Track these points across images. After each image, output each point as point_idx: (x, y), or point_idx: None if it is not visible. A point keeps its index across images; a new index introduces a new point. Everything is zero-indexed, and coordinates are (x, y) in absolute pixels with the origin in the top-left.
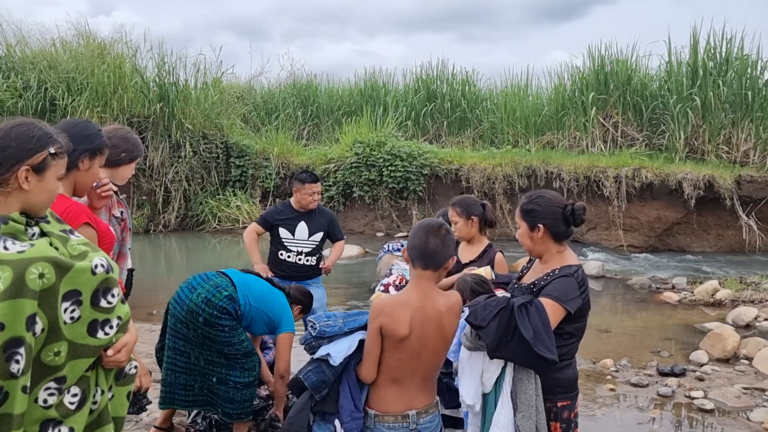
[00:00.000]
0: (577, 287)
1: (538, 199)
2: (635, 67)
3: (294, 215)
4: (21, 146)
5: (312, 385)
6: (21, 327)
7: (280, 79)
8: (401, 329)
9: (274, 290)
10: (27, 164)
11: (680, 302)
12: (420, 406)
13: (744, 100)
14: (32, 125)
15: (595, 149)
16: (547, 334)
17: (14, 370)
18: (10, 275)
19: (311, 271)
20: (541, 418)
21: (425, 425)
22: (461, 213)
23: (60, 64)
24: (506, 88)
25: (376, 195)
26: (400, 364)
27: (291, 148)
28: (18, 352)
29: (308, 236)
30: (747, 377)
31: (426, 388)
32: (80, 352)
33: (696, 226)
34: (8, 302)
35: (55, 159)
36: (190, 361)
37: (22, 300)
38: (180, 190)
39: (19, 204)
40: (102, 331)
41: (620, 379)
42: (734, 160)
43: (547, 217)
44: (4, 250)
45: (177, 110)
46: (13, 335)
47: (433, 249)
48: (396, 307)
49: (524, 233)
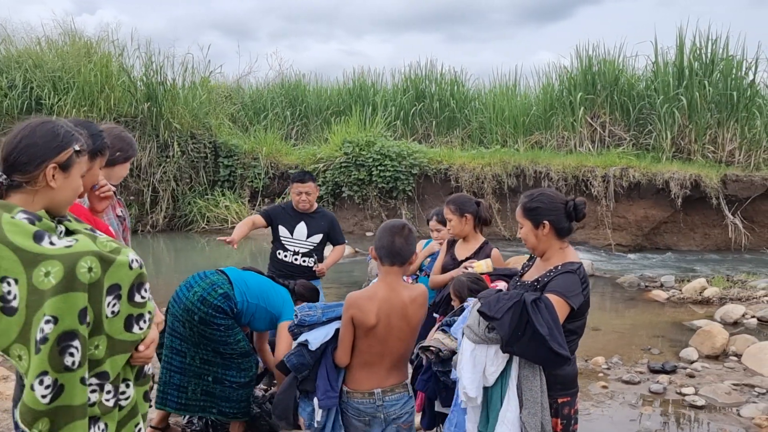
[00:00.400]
0: (579, 284)
1: (540, 196)
2: (622, 67)
3: (295, 215)
4: (48, 144)
5: (293, 366)
6: (74, 320)
7: (269, 78)
8: (370, 319)
9: (275, 286)
10: (54, 162)
11: (669, 300)
12: (387, 385)
13: (729, 101)
14: (57, 123)
15: (583, 149)
16: (558, 331)
17: (68, 363)
18: (61, 269)
19: (308, 272)
20: (546, 414)
21: (390, 403)
22: (455, 211)
23: (46, 63)
24: (494, 88)
25: (365, 195)
26: (369, 349)
27: (280, 148)
28: (72, 344)
29: (306, 237)
30: (736, 374)
31: (394, 371)
32: (118, 347)
33: (683, 225)
34: (61, 296)
35: (79, 156)
36: (186, 360)
37: (75, 293)
38: (168, 190)
39: (45, 202)
40: (137, 326)
41: (612, 376)
42: (720, 160)
43: (551, 213)
44: (51, 245)
45: (165, 110)
46: (67, 328)
47: (399, 247)
48: (365, 300)
49: (528, 231)
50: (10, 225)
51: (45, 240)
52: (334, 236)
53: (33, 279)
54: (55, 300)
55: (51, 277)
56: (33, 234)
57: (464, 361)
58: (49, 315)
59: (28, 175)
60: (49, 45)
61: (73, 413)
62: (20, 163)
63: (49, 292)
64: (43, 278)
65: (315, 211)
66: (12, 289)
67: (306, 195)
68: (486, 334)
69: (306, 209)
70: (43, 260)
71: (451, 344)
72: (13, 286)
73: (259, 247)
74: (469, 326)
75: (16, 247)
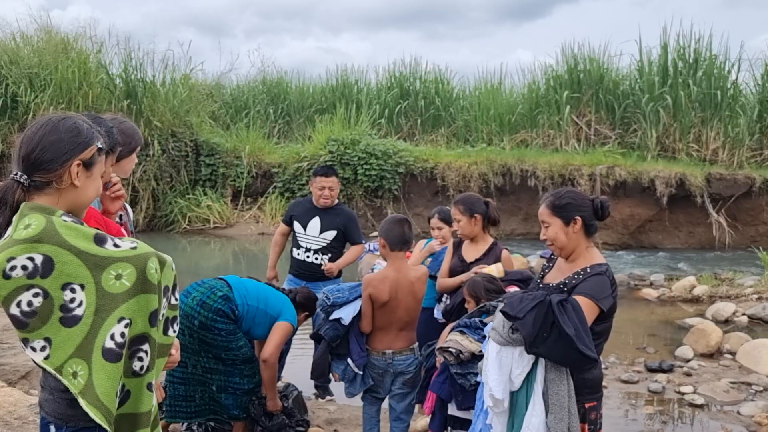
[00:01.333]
0: (609, 286)
1: (568, 193)
2: (607, 66)
3: (310, 209)
4: (73, 140)
5: (330, 338)
6: (146, 323)
7: (250, 76)
8: (383, 296)
9: (276, 292)
10: (79, 159)
11: (659, 299)
12: (396, 348)
13: (713, 100)
14: (78, 118)
15: (569, 147)
16: (585, 333)
17: (137, 368)
18: (134, 271)
19: (321, 272)
20: (573, 420)
21: (399, 361)
22: (464, 211)
23: (22, 59)
24: (479, 86)
25: (350, 194)
26: (382, 318)
27: (262, 146)
28: (142, 348)
29: (319, 233)
30: (732, 372)
31: (402, 336)
32: (159, 351)
33: (668, 224)
34: (136, 298)
35: (101, 154)
36: (188, 370)
37: (148, 295)
38: (148, 189)
39: (68, 204)
40: (171, 329)
41: (610, 376)
42: (704, 159)
43: (583, 209)
44: (116, 247)
45: (145, 107)
46: (140, 332)
47: (407, 235)
48: (379, 281)
49: (559, 229)
50: (66, 229)
51: (108, 243)
52: (351, 234)
53: (103, 283)
54: (132, 303)
55: (124, 280)
56: (93, 237)
57: (490, 363)
58: (128, 318)
59: (52, 174)
60: (25, 40)
61: (138, 421)
62: (45, 160)
63: (124, 295)
64: (114, 281)
65: (334, 207)
66: (77, 296)
67: (329, 190)
68: (510, 335)
69: (327, 205)
70: (112, 263)
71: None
72: (78, 293)
73: (241, 247)
74: (494, 328)
75: (79, 251)
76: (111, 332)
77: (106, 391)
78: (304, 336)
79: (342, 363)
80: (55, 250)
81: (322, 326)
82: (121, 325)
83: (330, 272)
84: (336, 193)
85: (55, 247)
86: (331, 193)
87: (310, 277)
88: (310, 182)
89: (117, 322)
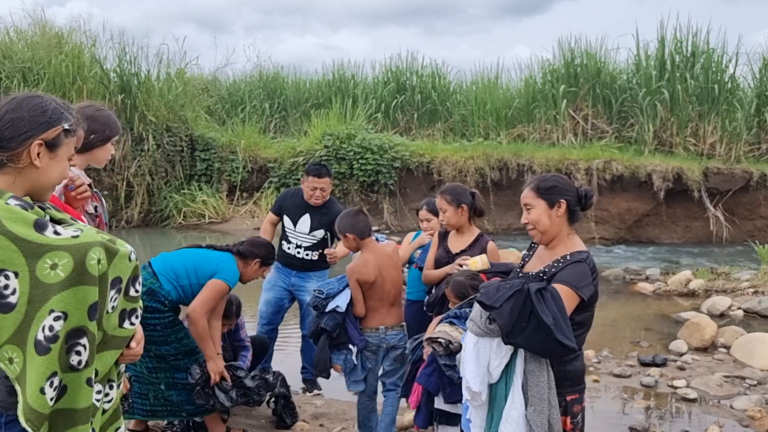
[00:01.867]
0: (589, 274)
1: (554, 177)
2: (604, 60)
3: (301, 205)
4: (35, 119)
5: (331, 327)
6: (83, 316)
7: (246, 70)
8: (370, 278)
9: (209, 256)
10: (40, 138)
11: (654, 293)
12: (388, 324)
13: (710, 94)
14: (46, 98)
15: (566, 142)
16: (564, 322)
17: (74, 362)
18: (71, 261)
19: (312, 265)
20: (554, 412)
21: (391, 335)
22: (451, 201)
23: (15, 53)
24: (476, 80)
25: (346, 189)
26: (374, 297)
27: (258, 141)
28: (80, 342)
29: (309, 231)
30: (726, 366)
31: (392, 312)
32: (110, 343)
33: (665, 218)
34: (71, 290)
35: (68, 136)
36: (137, 368)
37: (85, 287)
38: (143, 184)
39: (28, 184)
40: (128, 321)
41: (603, 370)
42: (701, 153)
43: (568, 193)
44: (56, 235)
45: (139, 102)
46: (76, 325)
47: (368, 222)
48: (362, 266)
49: (542, 212)
50: (5, 212)
51: (48, 229)
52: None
53: (37, 272)
54: (65, 295)
55: (59, 270)
56: (34, 222)
57: (467, 354)
58: (59, 311)
59: (9, 152)
60: (19, 35)
61: (75, 417)
62: (3, 138)
63: (57, 286)
64: (49, 271)
65: (324, 204)
66: (11, 283)
67: (321, 191)
68: (487, 326)
69: (318, 204)
70: (48, 251)
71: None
72: (12, 280)
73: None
74: (471, 318)
75: (15, 237)
76: (43, 324)
77: (30, 383)
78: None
79: (341, 353)
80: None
81: (320, 320)
82: (51, 318)
83: (333, 258)
84: (328, 193)
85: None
86: (322, 194)
87: (301, 268)
88: (303, 179)
89: (48, 314)
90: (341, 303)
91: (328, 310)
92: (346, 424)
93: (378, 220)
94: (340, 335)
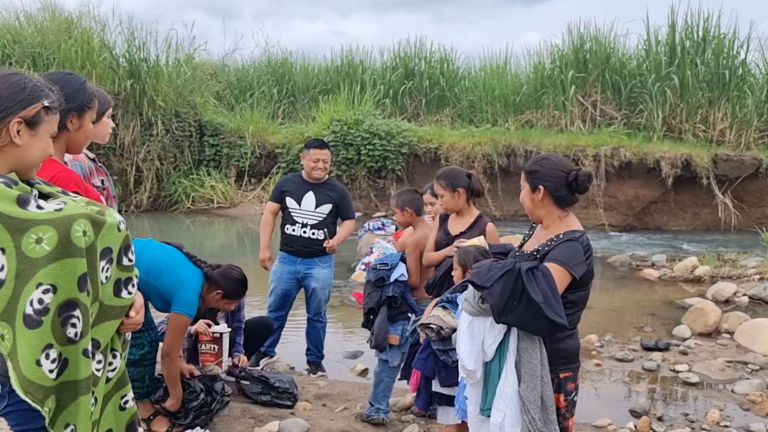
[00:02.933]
0: (582, 252)
1: (542, 161)
2: (614, 45)
3: (303, 184)
4: (13, 96)
5: (398, 294)
6: (74, 288)
7: (254, 56)
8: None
9: (180, 270)
10: (19, 116)
11: (660, 279)
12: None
13: (721, 80)
14: (24, 76)
15: (574, 128)
16: (555, 299)
17: (71, 335)
18: (55, 235)
19: (318, 246)
20: (546, 388)
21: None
22: (446, 186)
23: (25, 38)
24: (485, 66)
25: (353, 174)
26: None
27: (266, 127)
28: (73, 315)
29: (315, 207)
30: (729, 351)
31: None
32: (108, 313)
33: (673, 205)
34: (58, 263)
35: (49, 114)
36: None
37: (73, 259)
38: (152, 169)
39: (11, 162)
40: (126, 290)
41: (605, 354)
42: (711, 139)
43: (549, 179)
44: (39, 209)
45: (148, 87)
46: (67, 297)
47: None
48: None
49: (526, 194)
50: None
51: (31, 204)
52: (344, 210)
53: (22, 247)
54: (52, 268)
55: (44, 244)
56: (16, 198)
57: (462, 334)
58: (47, 284)
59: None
60: (28, 20)
61: (77, 388)
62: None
63: (43, 260)
64: (34, 245)
65: (325, 182)
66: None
67: (323, 162)
68: (480, 306)
69: (319, 178)
70: (32, 226)
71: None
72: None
73: (245, 227)
74: (466, 299)
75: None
76: (30, 298)
77: (24, 357)
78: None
79: (398, 325)
80: None
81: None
82: (39, 291)
83: (332, 248)
84: (329, 165)
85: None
86: (324, 165)
87: (306, 253)
88: (302, 155)
89: (35, 288)
90: (404, 271)
91: (392, 280)
92: (348, 404)
93: (385, 205)
94: (400, 305)
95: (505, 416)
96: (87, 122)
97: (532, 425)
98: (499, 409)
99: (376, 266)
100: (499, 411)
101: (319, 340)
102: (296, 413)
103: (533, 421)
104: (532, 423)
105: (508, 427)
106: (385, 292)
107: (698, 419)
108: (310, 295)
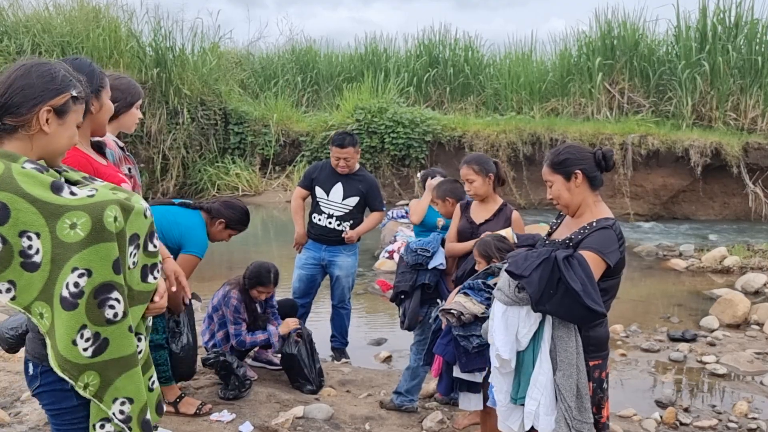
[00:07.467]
0: (615, 240)
1: (567, 148)
2: (642, 31)
3: (333, 175)
4: (44, 85)
5: (433, 282)
6: (109, 271)
7: (279, 44)
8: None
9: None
10: (49, 105)
11: (688, 269)
12: None
13: (753, 66)
14: (55, 65)
15: (601, 116)
16: (593, 287)
17: (110, 316)
18: (89, 220)
19: (342, 237)
20: (582, 376)
21: None
22: (479, 171)
23: (54, 27)
24: (510, 53)
25: (377, 163)
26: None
27: (291, 115)
28: (110, 297)
29: (342, 198)
30: (758, 342)
31: None
32: (136, 298)
33: (702, 194)
34: (92, 248)
35: (76, 103)
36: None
37: (106, 244)
38: (178, 157)
39: (41, 150)
40: (151, 276)
41: (631, 344)
42: (742, 127)
43: (582, 162)
44: (72, 195)
45: (174, 76)
46: (103, 280)
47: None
48: None
49: (561, 186)
50: (23, 176)
51: (65, 191)
52: (372, 201)
53: (57, 232)
54: (86, 252)
55: (78, 229)
56: (50, 185)
57: (496, 323)
58: (82, 268)
59: (20, 118)
60: (57, 9)
61: (126, 363)
62: (13, 104)
63: (78, 245)
64: (68, 230)
65: (355, 173)
66: (33, 243)
67: (345, 161)
68: (516, 295)
69: (344, 173)
70: (66, 212)
71: (473, 308)
72: (34, 241)
73: (269, 215)
74: (499, 288)
75: (34, 199)
76: (66, 281)
77: (61, 337)
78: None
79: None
80: (10, 197)
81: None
82: (75, 275)
83: (350, 240)
84: (353, 162)
85: (11, 195)
86: (347, 163)
87: (330, 241)
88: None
89: (71, 272)
90: (443, 260)
91: (431, 267)
92: (372, 390)
93: (409, 194)
94: (433, 292)
95: (540, 404)
96: (105, 99)
97: (567, 413)
98: (533, 397)
99: (416, 250)
100: (533, 399)
101: (344, 326)
102: (320, 399)
103: (569, 409)
104: (568, 411)
105: (542, 416)
106: (420, 278)
107: (725, 411)
108: (334, 282)
